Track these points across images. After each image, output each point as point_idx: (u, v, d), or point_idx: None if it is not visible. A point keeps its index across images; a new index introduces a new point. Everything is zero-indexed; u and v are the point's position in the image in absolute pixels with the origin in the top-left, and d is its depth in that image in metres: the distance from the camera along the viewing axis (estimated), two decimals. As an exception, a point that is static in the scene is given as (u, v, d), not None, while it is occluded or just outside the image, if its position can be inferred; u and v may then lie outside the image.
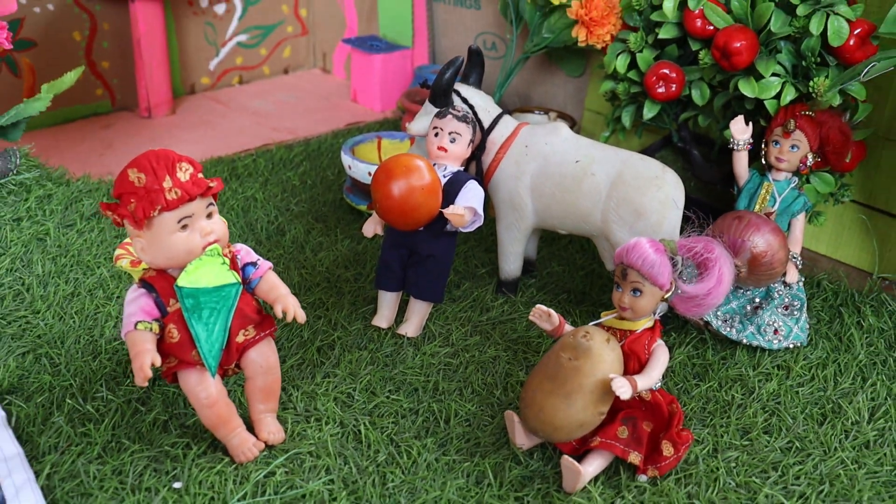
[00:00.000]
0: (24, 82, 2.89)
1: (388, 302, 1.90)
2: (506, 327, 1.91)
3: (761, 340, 1.84)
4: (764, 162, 1.92)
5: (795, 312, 1.87)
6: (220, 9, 3.34)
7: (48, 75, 2.90)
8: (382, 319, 1.90)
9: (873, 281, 2.08)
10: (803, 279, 1.91)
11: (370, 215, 1.89)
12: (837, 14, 1.82)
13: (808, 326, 1.88)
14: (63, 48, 2.97)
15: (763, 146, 1.91)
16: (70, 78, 2.33)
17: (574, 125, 2.56)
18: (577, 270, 2.15)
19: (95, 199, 2.34)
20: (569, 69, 2.71)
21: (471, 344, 1.85)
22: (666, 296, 1.49)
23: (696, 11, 1.94)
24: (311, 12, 3.63)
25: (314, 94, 3.41)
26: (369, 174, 2.25)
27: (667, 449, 1.48)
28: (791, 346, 1.85)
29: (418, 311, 1.88)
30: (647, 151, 2.25)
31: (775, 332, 1.84)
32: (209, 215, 1.42)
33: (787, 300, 1.87)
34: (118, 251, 1.74)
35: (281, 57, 3.61)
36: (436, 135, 1.85)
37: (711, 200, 2.20)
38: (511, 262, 2.00)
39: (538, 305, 1.55)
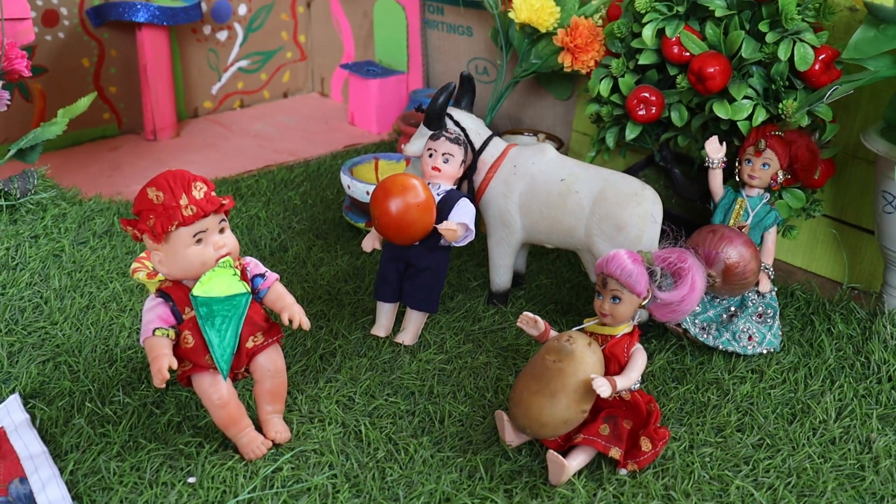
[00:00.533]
0: (35, 107, 3.02)
1: (385, 312, 2.02)
2: (496, 336, 2.03)
3: (736, 346, 1.95)
4: (738, 179, 2.04)
5: (769, 320, 1.99)
6: (222, 36, 3.47)
7: (58, 100, 3.03)
8: (381, 329, 2.02)
9: (843, 290, 2.21)
10: (776, 289, 2.03)
11: (368, 232, 2.01)
12: (803, 41, 1.95)
13: (780, 333, 2.00)
14: (73, 74, 3.10)
15: (737, 164, 2.04)
16: (84, 103, 2.46)
17: (561, 146, 2.68)
18: (564, 283, 2.28)
19: (107, 217, 2.46)
20: (557, 92, 2.84)
21: (464, 351, 1.96)
22: (643, 303, 1.60)
23: (674, 39, 2.07)
24: (309, 38, 3.76)
25: (313, 118, 3.54)
26: (367, 193, 2.37)
27: (645, 444, 1.59)
28: (765, 351, 1.96)
29: (414, 321, 2.00)
30: (631, 170, 2.37)
31: (749, 338, 1.96)
32: (221, 230, 1.54)
33: (760, 308, 1.99)
34: (135, 265, 1.85)
35: (281, 81, 3.74)
36: (430, 156, 1.97)
37: (691, 216, 2.32)
38: (501, 275, 2.12)
39: (525, 312, 1.66)
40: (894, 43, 1.83)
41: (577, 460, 1.59)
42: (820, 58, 1.96)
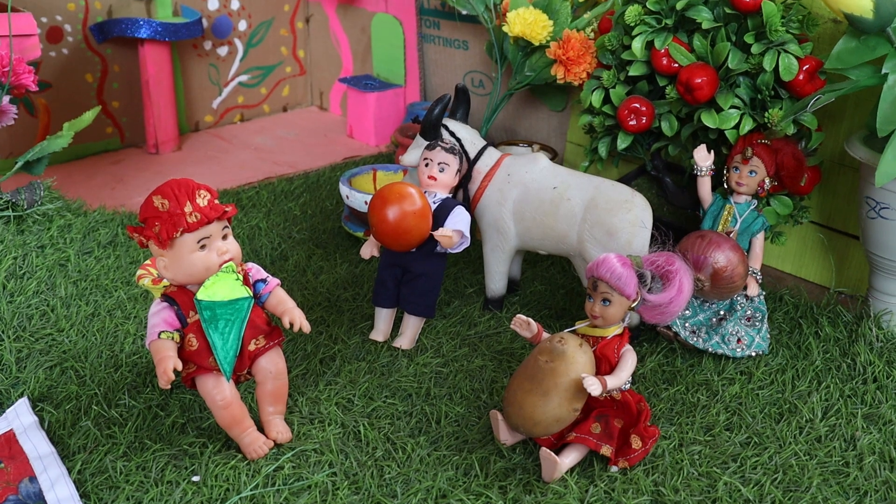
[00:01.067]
0: (39, 122, 3.08)
1: (384, 317, 2.07)
2: (492, 340, 2.08)
3: (726, 349, 2.00)
4: (726, 186, 2.10)
5: (757, 323, 2.04)
6: (222, 51, 3.53)
7: (62, 115, 3.09)
8: (379, 333, 2.07)
9: (831, 294, 2.26)
10: (764, 293, 2.09)
11: (366, 241, 2.07)
12: (788, 52, 2.01)
13: (769, 336, 2.05)
14: (76, 89, 3.16)
15: (725, 172, 2.09)
16: (88, 117, 2.52)
17: (556, 157, 2.74)
18: (558, 289, 2.33)
19: (111, 228, 2.51)
20: (551, 104, 2.90)
21: (460, 355, 2.02)
22: (633, 305, 1.66)
23: (662, 51, 2.13)
24: (308, 53, 3.82)
25: (312, 131, 3.59)
26: (366, 203, 2.42)
27: (635, 442, 1.64)
28: (753, 354, 2.01)
29: (412, 326, 2.05)
30: (624, 179, 2.42)
31: (738, 341, 2.01)
32: (224, 236, 1.59)
33: (749, 312, 2.04)
34: (140, 272, 1.91)
35: (280, 95, 3.80)
36: (426, 165, 2.03)
37: (682, 223, 2.38)
38: (496, 281, 2.17)
39: (518, 315, 1.71)
40: (875, 53, 1.89)
41: (570, 458, 1.63)
42: (804, 68, 2.01)
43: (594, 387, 1.54)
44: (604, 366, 1.66)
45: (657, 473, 1.64)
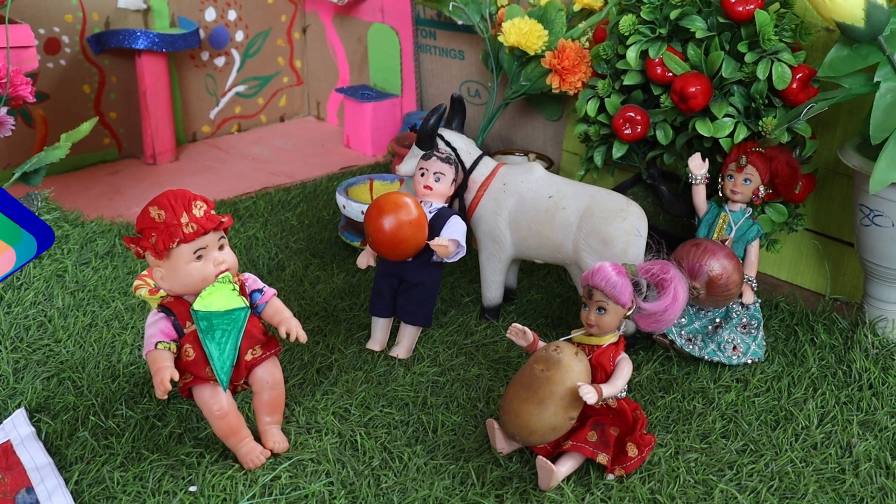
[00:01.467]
0: (37, 133, 3.08)
1: (380, 327, 2.08)
2: (488, 349, 2.09)
3: (722, 357, 2.01)
4: (721, 194, 2.10)
5: (753, 331, 2.04)
6: (219, 61, 3.54)
7: (60, 126, 3.10)
8: (375, 343, 2.07)
9: (826, 302, 2.27)
10: (760, 300, 2.09)
11: (363, 250, 2.07)
12: (781, 61, 2.02)
13: (764, 343, 2.05)
14: (74, 100, 3.17)
15: (720, 180, 2.10)
16: (86, 128, 2.53)
17: (552, 165, 2.75)
18: (555, 298, 2.33)
19: (108, 239, 2.52)
20: (547, 113, 2.91)
21: (456, 364, 2.02)
22: (628, 313, 1.66)
23: (657, 60, 2.14)
24: (305, 63, 3.84)
25: (309, 141, 3.60)
26: (362, 213, 2.43)
27: (631, 450, 1.65)
28: (749, 361, 2.02)
29: (408, 335, 2.05)
30: (620, 188, 2.43)
31: (734, 348, 2.02)
32: (221, 247, 1.60)
33: (744, 320, 2.05)
34: (137, 282, 1.92)
35: (277, 106, 3.81)
36: (422, 175, 2.03)
37: (678, 231, 2.38)
38: (493, 290, 2.18)
39: (514, 324, 1.72)
40: (867, 61, 1.90)
41: (566, 466, 1.64)
42: (797, 76, 2.03)
43: (590, 395, 1.55)
44: (599, 374, 1.66)
45: (653, 481, 1.65)
